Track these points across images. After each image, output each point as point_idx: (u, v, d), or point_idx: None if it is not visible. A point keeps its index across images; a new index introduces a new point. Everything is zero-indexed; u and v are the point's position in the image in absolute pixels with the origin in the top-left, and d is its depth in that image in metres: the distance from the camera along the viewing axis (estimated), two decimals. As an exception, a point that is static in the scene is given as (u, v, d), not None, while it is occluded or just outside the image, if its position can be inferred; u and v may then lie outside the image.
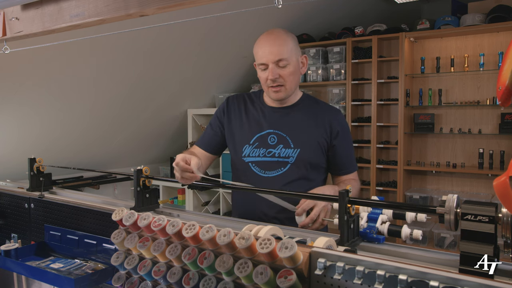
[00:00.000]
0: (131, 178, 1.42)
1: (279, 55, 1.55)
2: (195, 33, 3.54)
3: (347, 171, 1.69)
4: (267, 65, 1.58)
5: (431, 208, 0.93)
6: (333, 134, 1.64)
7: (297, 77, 1.65)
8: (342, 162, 1.68)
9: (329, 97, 4.40)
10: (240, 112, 1.73)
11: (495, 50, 3.73)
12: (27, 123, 3.13)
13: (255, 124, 1.69)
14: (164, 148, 4.66)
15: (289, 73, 1.59)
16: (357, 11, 4.69)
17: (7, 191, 1.73)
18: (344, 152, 1.68)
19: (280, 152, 1.62)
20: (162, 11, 1.14)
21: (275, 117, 1.68)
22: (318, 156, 1.64)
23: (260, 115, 1.70)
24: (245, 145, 1.67)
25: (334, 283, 0.83)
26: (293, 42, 1.61)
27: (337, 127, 1.65)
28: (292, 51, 1.58)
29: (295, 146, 1.61)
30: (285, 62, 1.56)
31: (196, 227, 0.96)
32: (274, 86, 1.60)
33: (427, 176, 4.16)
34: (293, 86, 1.63)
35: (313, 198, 1.47)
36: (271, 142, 1.64)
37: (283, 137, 1.63)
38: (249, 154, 1.65)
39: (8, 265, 1.38)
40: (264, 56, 1.57)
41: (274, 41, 1.56)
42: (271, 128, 1.66)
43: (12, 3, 1.36)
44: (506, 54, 0.85)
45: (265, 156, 1.63)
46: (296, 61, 1.61)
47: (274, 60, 1.55)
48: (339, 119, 1.68)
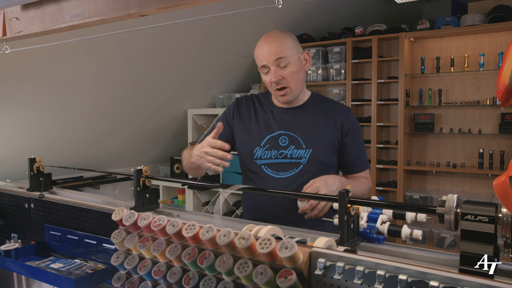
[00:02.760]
0: (131, 178, 1.42)
1: (277, 53, 1.53)
2: (195, 33, 3.54)
3: (357, 169, 1.68)
4: (268, 68, 1.56)
5: (431, 208, 0.93)
6: (344, 132, 1.64)
7: (301, 76, 1.62)
8: (353, 161, 1.67)
9: (329, 97, 4.39)
10: (249, 114, 1.72)
11: (495, 50, 3.73)
12: (27, 123, 3.13)
13: (265, 126, 1.67)
14: (164, 148, 4.66)
15: (291, 73, 1.56)
16: (357, 11, 4.69)
17: (7, 191, 1.73)
18: (355, 150, 1.66)
19: (292, 153, 1.61)
20: (162, 11, 1.14)
21: (285, 118, 1.66)
22: (330, 155, 1.64)
23: (269, 116, 1.68)
24: (256, 147, 1.65)
25: (334, 283, 0.83)
26: (291, 40, 1.59)
27: (347, 125, 1.64)
28: (292, 49, 1.56)
29: (307, 146, 1.61)
30: (286, 61, 1.54)
31: (196, 227, 0.96)
32: (279, 89, 1.58)
33: (427, 176, 4.16)
34: (298, 85, 1.61)
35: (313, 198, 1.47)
36: (282, 144, 1.63)
37: (294, 137, 1.62)
38: (260, 156, 1.64)
39: (8, 265, 1.38)
40: (264, 57, 1.56)
41: (272, 41, 1.55)
42: (282, 129, 1.64)
43: (12, 3, 1.36)
44: (506, 54, 0.85)
45: (277, 158, 1.62)
46: (297, 59, 1.58)
47: (273, 60, 1.54)
48: (350, 117, 1.67)
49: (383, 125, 4.19)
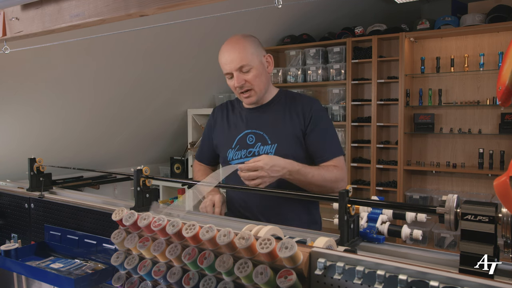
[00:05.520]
0: (131, 178, 1.42)
1: (239, 61, 1.58)
2: (195, 33, 3.54)
3: (324, 158, 1.64)
4: (232, 74, 1.61)
5: (431, 208, 0.93)
6: (306, 121, 1.65)
7: (264, 78, 1.66)
8: (318, 149, 1.65)
9: (329, 97, 4.40)
10: (222, 120, 1.80)
11: (495, 50, 3.73)
12: (27, 123, 3.13)
13: (235, 128, 1.74)
14: (164, 148, 4.66)
15: (254, 77, 1.61)
16: (357, 11, 4.69)
17: (7, 191, 1.73)
18: (319, 138, 1.65)
19: (259, 150, 1.65)
20: (162, 11, 1.14)
21: (251, 118, 1.72)
22: (296, 148, 1.64)
23: (238, 118, 1.75)
24: (229, 149, 1.72)
25: (334, 283, 0.83)
26: (252, 45, 1.62)
27: (310, 114, 1.64)
28: (253, 55, 1.61)
29: (272, 141, 1.64)
30: (248, 67, 1.59)
31: (196, 227, 0.96)
32: (243, 92, 1.64)
33: (427, 176, 4.16)
34: (262, 87, 1.66)
35: (313, 198, 1.47)
36: (249, 142, 1.68)
37: (260, 135, 1.67)
38: (232, 157, 1.70)
39: (8, 265, 1.38)
40: (226, 65, 1.61)
41: (233, 49, 1.60)
42: (249, 128, 1.70)
43: (12, 3, 1.36)
44: (506, 54, 0.85)
45: (246, 157, 1.66)
46: (259, 63, 1.63)
47: (236, 68, 1.59)
48: (314, 106, 1.67)
49: (383, 125, 4.19)
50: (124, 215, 1.11)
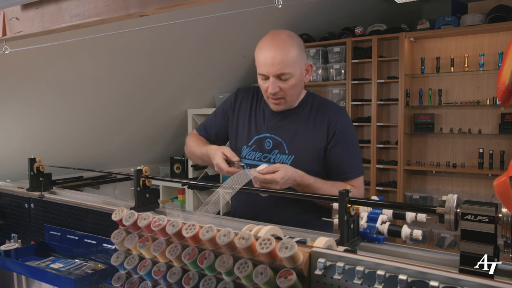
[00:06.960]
0: (131, 178, 1.42)
1: (281, 68, 1.44)
2: (195, 33, 3.54)
3: (342, 177, 1.54)
4: (267, 76, 1.49)
5: (431, 208, 0.93)
6: (330, 134, 1.55)
7: (300, 88, 1.56)
8: (337, 167, 1.56)
9: (329, 97, 4.40)
10: (246, 109, 1.68)
11: (495, 50, 3.73)
12: (28, 123, 3.13)
13: (255, 126, 1.65)
14: (164, 148, 4.66)
15: (290, 87, 1.49)
16: (357, 11, 4.69)
17: (7, 191, 1.73)
18: (339, 155, 1.55)
19: (275, 157, 1.57)
20: (162, 11, 1.14)
21: (274, 121, 1.61)
22: (313, 164, 1.55)
23: (261, 116, 1.65)
24: (244, 145, 1.64)
25: (334, 283, 0.83)
26: (298, 50, 1.48)
27: (334, 127, 1.54)
28: (296, 62, 1.47)
29: (290, 152, 1.56)
30: (288, 75, 1.46)
31: (196, 227, 0.96)
32: (273, 98, 1.53)
33: (427, 176, 4.16)
34: (294, 98, 1.55)
35: (313, 198, 1.47)
36: (267, 147, 1.60)
37: (279, 142, 1.58)
38: (246, 155, 1.63)
39: (8, 265, 1.38)
40: (265, 67, 1.47)
41: (277, 50, 1.44)
42: (269, 132, 1.61)
43: (12, 3, 1.36)
44: (506, 54, 0.85)
45: (260, 161, 1.59)
46: (299, 72, 1.50)
47: (275, 74, 1.46)
48: (339, 119, 1.56)
49: (383, 125, 4.19)
50: (124, 215, 1.11)
